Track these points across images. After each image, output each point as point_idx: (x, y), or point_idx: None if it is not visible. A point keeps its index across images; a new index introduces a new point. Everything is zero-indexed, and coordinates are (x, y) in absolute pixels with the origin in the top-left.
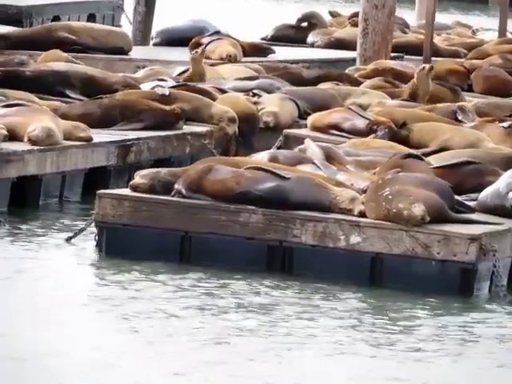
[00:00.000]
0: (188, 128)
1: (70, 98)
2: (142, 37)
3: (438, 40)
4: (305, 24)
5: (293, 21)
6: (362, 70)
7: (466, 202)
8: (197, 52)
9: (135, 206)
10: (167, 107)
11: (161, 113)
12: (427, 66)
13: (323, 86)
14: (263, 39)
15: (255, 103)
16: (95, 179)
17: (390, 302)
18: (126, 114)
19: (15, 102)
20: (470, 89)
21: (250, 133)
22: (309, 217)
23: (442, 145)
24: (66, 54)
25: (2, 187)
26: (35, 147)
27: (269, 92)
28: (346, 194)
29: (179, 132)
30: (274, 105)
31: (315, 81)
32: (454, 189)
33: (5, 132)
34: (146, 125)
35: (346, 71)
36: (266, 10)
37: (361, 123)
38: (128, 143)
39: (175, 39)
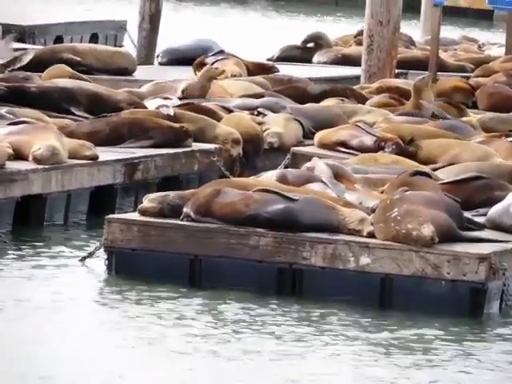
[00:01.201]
0: (196, 145)
1: (75, 115)
2: (147, 53)
3: (445, 56)
4: (311, 44)
5: (299, 41)
6: (366, 88)
7: (476, 218)
8: (216, 68)
9: (144, 230)
10: (176, 124)
11: (170, 130)
12: (428, 75)
13: (328, 101)
14: (269, 60)
15: (260, 123)
16: (101, 198)
17: (401, 323)
18: (135, 131)
19: (20, 119)
20: (474, 106)
21: (254, 153)
22: (318, 239)
23: (450, 160)
24: (69, 68)
25: (6, 206)
26: (40, 166)
27: (274, 111)
28: (355, 215)
29: (188, 149)
30: (278, 125)
31: (320, 95)
32: (463, 204)
33: (10, 151)
34: (155, 142)
35: None
36: (273, 29)
37: (368, 140)
38: (135, 161)
39: (180, 58)
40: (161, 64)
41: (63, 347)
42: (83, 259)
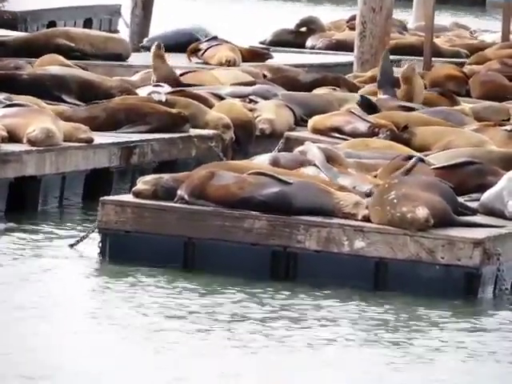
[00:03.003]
0: (194, 131)
1: (66, 102)
2: (139, 40)
3: (440, 41)
4: (303, 29)
5: (292, 25)
6: (359, 76)
7: (468, 203)
8: (159, 47)
9: (138, 212)
10: (173, 110)
11: (167, 115)
12: (409, 64)
13: (320, 90)
14: (262, 43)
15: (251, 110)
16: (97, 181)
17: (395, 307)
18: (132, 117)
19: (15, 102)
20: (468, 94)
21: (246, 140)
22: (313, 222)
23: (444, 148)
24: (62, 58)
25: None
26: (34, 148)
27: (265, 98)
28: (350, 199)
29: (185, 134)
30: (270, 112)
31: (312, 84)
32: (455, 189)
33: (4, 133)
34: (152, 127)
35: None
36: (265, 13)
37: (362, 126)
38: (131, 145)
39: (166, 45)
40: (144, 48)
41: (58, 329)
42: (76, 243)
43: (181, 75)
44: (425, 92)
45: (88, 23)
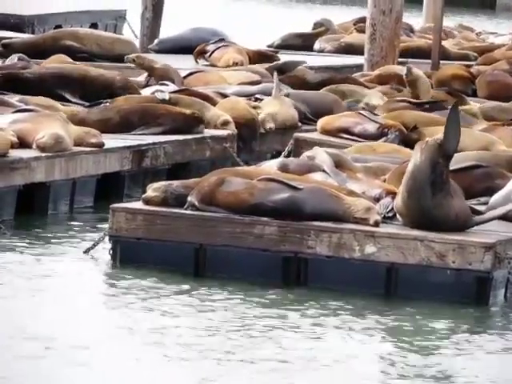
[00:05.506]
0: (208, 131)
1: (69, 101)
2: (149, 43)
3: (448, 44)
4: (321, 29)
5: (300, 27)
6: (367, 75)
7: (477, 207)
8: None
9: (149, 219)
10: (187, 111)
11: (181, 117)
12: (408, 68)
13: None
14: (270, 46)
15: (255, 107)
16: (108, 185)
17: (406, 312)
18: (146, 118)
19: (26, 107)
20: (474, 94)
21: (250, 138)
22: (323, 228)
23: None
24: (69, 59)
25: (8, 195)
26: (43, 154)
27: None
28: (361, 204)
29: (199, 136)
30: (271, 106)
31: (319, 84)
32: (463, 192)
33: (14, 139)
34: (166, 129)
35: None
36: (272, 16)
37: (371, 127)
38: (143, 148)
39: (175, 48)
40: (151, 50)
41: (67, 337)
42: (88, 250)
43: (188, 75)
44: (433, 91)
45: (93, 28)
